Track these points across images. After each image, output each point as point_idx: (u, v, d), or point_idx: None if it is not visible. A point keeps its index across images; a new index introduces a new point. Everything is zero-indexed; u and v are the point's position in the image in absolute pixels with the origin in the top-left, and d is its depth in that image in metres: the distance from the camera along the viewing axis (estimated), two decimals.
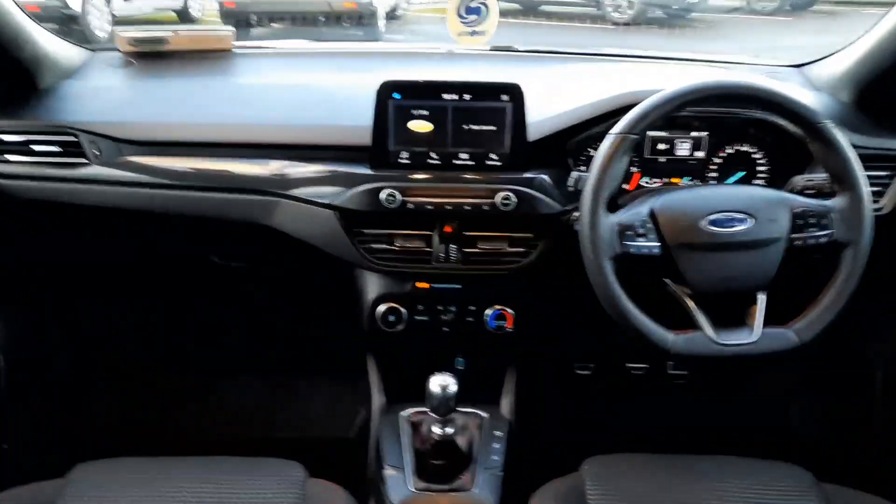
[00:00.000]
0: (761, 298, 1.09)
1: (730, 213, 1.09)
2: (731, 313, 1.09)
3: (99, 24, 6.99)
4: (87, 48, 1.54)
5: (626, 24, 8.43)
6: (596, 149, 1.11)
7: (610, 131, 1.10)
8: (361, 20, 7.12)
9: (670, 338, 1.07)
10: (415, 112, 1.25)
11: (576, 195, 1.17)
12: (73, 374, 1.81)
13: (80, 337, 1.82)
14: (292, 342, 1.86)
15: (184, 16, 8.45)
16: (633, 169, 1.37)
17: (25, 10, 1.28)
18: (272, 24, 7.26)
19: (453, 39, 1.58)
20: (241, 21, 6.84)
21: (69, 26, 6.63)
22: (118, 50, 1.52)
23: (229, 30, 1.59)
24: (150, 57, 1.55)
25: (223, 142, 1.33)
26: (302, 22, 7.03)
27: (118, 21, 7.20)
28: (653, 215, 1.09)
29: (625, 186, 1.36)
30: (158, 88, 1.49)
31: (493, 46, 1.65)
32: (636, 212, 1.10)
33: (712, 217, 1.08)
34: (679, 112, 1.11)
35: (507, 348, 1.44)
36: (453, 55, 1.63)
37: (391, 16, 8.22)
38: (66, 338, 1.78)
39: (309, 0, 6.94)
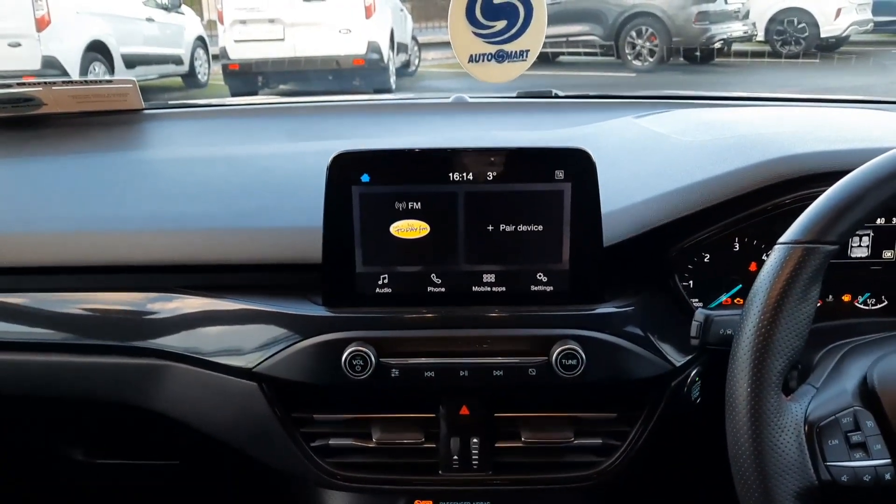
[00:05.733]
0: None
1: None
2: None
3: None
4: None
5: (649, 71, 8.13)
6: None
7: (781, 239, 0.61)
8: (372, 77, 6.74)
9: None
10: (399, 205, 0.76)
11: (700, 349, 0.75)
12: None
13: None
14: None
15: (190, 80, 8.20)
16: None
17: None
18: (280, 86, 6.97)
19: (476, 78, 0.98)
20: (247, 83, 6.58)
21: None
22: None
23: (130, 80, 1.07)
24: (14, 125, 1.08)
25: (67, 265, 0.83)
26: (309, 83, 6.69)
27: None
28: (870, 397, 0.61)
29: None
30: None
31: (521, 92, 1.23)
32: (837, 391, 0.63)
33: None
34: None
35: None
36: (466, 106, 1.16)
37: (403, 72, 7.92)
38: None
39: (315, 58, 6.59)
